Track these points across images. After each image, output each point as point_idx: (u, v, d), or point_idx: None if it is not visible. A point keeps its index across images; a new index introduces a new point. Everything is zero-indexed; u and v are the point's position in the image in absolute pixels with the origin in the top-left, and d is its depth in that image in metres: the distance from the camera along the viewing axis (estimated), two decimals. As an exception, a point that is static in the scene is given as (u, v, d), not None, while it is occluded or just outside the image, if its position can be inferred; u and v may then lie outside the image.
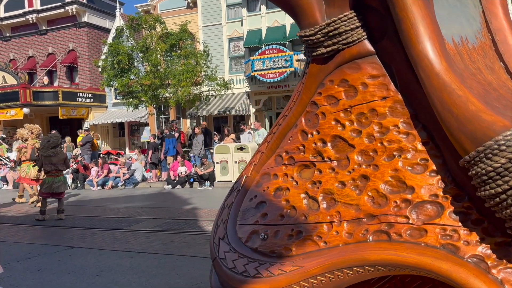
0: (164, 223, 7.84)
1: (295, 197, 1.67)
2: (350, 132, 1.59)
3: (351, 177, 1.56)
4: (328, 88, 1.64)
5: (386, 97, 1.53)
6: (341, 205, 1.56)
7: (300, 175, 1.70)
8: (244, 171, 1.94)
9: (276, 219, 1.69)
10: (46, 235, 7.21)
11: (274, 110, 19.71)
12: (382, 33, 1.51)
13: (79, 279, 4.75)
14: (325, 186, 1.61)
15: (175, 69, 16.05)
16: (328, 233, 1.55)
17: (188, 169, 13.65)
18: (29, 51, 26.27)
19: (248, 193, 1.84)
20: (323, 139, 1.64)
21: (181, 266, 5.07)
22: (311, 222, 1.60)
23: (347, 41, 1.55)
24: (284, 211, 1.68)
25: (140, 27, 16.89)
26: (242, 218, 1.80)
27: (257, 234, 1.70)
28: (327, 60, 1.63)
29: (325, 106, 1.65)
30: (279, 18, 18.08)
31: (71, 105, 22.30)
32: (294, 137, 1.73)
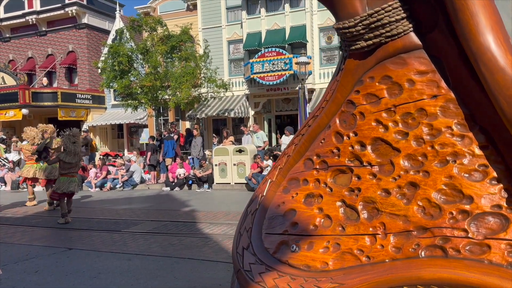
0: (162, 225, 7.84)
1: (329, 205, 1.54)
2: (394, 134, 1.45)
3: (397, 185, 1.42)
4: (367, 86, 1.50)
5: (436, 95, 1.39)
6: (385, 216, 1.42)
7: (334, 181, 1.56)
8: (268, 175, 1.80)
9: (308, 229, 1.55)
10: (44, 237, 7.21)
11: (273, 112, 19.73)
12: (431, 25, 1.37)
13: (76, 281, 4.75)
14: (365, 194, 1.47)
15: (175, 71, 16.07)
16: (372, 246, 1.41)
17: (186, 171, 13.65)
18: (29, 52, 26.27)
19: (274, 200, 1.71)
20: (362, 142, 1.51)
21: (179, 268, 5.07)
22: (350, 234, 1.46)
23: (391, 33, 1.41)
24: (317, 220, 1.54)
25: (141, 28, 16.91)
26: (268, 226, 1.66)
27: (287, 245, 1.57)
28: (367, 55, 1.49)
29: (364, 105, 1.51)
30: (279, 21, 18.12)
31: (70, 106, 22.29)
32: (327, 140, 1.60)
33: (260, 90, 18.32)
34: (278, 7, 18.29)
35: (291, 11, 17.92)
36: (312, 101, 16.89)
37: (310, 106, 16.16)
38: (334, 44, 17.81)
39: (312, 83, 17.51)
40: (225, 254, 5.62)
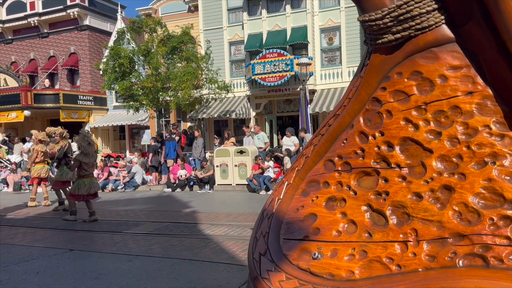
0: (164, 226, 7.84)
1: (354, 209, 1.44)
2: (425, 133, 1.35)
3: (429, 188, 1.32)
4: (395, 82, 1.40)
5: (472, 91, 1.29)
6: (417, 222, 1.32)
7: (358, 183, 1.47)
8: (285, 178, 1.71)
9: (331, 235, 1.45)
10: (45, 238, 7.22)
11: (274, 113, 19.74)
12: (466, 16, 1.27)
13: (77, 282, 4.76)
14: (394, 197, 1.37)
15: (176, 72, 16.10)
16: (402, 254, 1.31)
17: (188, 172, 13.67)
18: (31, 53, 26.36)
19: (293, 203, 1.61)
20: (389, 142, 1.41)
21: (180, 269, 5.08)
22: (378, 241, 1.36)
23: (421, 26, 1.31)
24: (341, 225, 1.44)
25: (142, 30, 16.96)
26: (286, 231, 1.56)
27: (308, 252, 1.47)
28: (395, 49, 1.39)
29: (391, 103, 1.41)
30: (280, 22, 18.14)
31: (72, 107, 22.36)
32: (350, 140, 1.50)
33: (261, 91, 18.33)
34: (279, 8, 18.31)
35: (292, 12, 17.94)
36: (313, 102, 16.89)
37: (311, 107, 16.16)
38: (335, 45, 17.82)
39: (313, 84, 17.51)
40: (226, 255, 5.63)
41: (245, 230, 7.15)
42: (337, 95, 17.12)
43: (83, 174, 8.43)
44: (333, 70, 17.85)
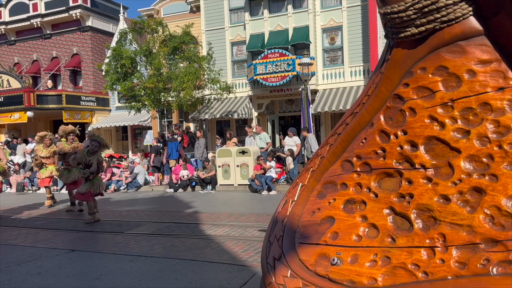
0: (165, 226, 7.85)
1: (375, 213, 1.36)
2: (452, 132, 1.28)
3: (458, 190, 1.25)
4: (418, 78, 1.33)
5: (503, 87, 1.22)
6: (445, 226, 1.24)
7: (379, 185, 1.40)
8: (300, 179, 1.64)
9: (351, 239, 1.37)
10: (47, 238, 7.24)
11: (276, 113, 19.74)
12: (496, 7, 1.20)
13: (79, 283, 4.77)
14: (419, 200, 1.29)
15: (177, 72, 16.11)
16: (429, 261, 1.23)
17: (190, 172, 13.69)
18: (34, 55, 26.45)
19: (308, 206, 1.54)
20: (413, 142, 1.33)
21: (181, 269, 5.08)
22: (403, 246, 1.28)
23: (447, 18, 1.24)
24: (361, 230, 1.37)
25: (143, 31, 16.99)
26: (302, 235, 1.49)
27: (326, 257, 1.40)
28: (418, 43, 1.32)
29: (414, 100, 1.34)
30: (282, 22, 18.13)
31: (75, 108, 22.43)
32: (370, 139, 1.43)
33: (263, 91, 18.32)
34: (281, 8, 18.30)
35: (294, 12, 17.93)
36: (315, 102, 16.88)
37: (313, 107, 16.14)
38: (337, 45, 17.80)
39: (315, 84, 17.50)
40: (227, 255, 5.63)
41: (246, 230, 7.15)
42: (339, 95, 17.09)
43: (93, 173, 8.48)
44: (335, 70, 17.83)
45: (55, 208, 10.70)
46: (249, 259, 5.37)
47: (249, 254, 5.60)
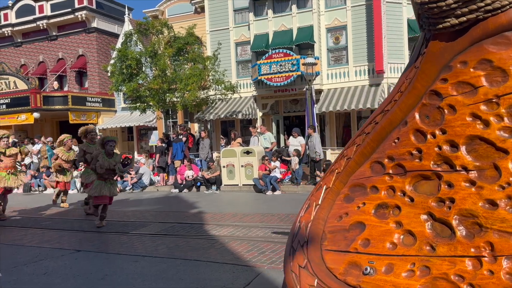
0: (170, 226, 7.89)
1: (411, 218, 1.26)
2: (498, 131, 1.18)
3: (506, 195, 1.14)
4: (458, 72, 1.23)
5: None
6: (493, 234, 1.14)
7: (415, 189, 1.29)
8: (323, 181, 1.56)
9: (384, 247, 1.27)
10: (53, 239, 7.30)
11: (281, 113, 19.73)
12: None
13: (84, 282, 4.81)
14: (461, 205, 1.19)
15: (182, 73, 16.16)
16: (476, 272, 1.13)
17: (195, 173, 13.73)
18: (40, 56, 26.65)
19: (334, 210, 1.45)
20: (453, 141, 1.24)
21: (185, 270, 5.11)
22: (444, 256, 1.18)
23: (492, 7, 1.14)
24: (396, 237, 1.27)
25: (148, 32, 17.06)
26: (329, 242, 1.40)
27: (357, 266, 1.30)
28: (458, 35, 1.23)
29: (454, 96, 1.24)
30: (286, 22, 18.12)
31: (81, 109, 22.57)
32: (403, 139, 1.33)
33: (267, 91, 18.32)
34: (285, 8, 18.29)
35: (298, 12, 17.91)
36: (320, 102, 16.86)
37: (317, 106, 16.13)
38: (342, 44, 17.76)
39: (320, 84, 17.47)
40: (231, 255, 5.65)
41: (250, 230, 7.17)
42: (344, 94, 17.06)
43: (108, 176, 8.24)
44: (340, 70, 17.79)
45: (61, 209, 10.79)
46: (253, 259, 5.39)
47: (253, 254, 5.62)
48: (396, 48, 16.90)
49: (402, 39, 16.98)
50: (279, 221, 7.96)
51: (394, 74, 17.01)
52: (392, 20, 16.72)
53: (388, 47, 16.49)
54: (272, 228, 7.27)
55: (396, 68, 17.05)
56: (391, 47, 16.69)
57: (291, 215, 8.46)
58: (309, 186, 12.24)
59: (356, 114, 17.57)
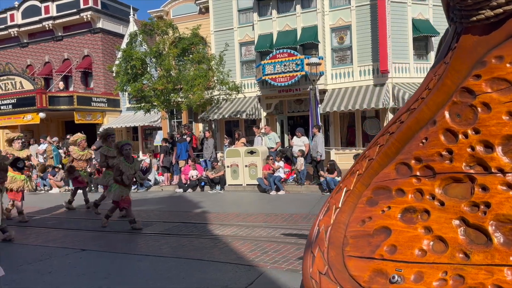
0: (174, 226, 7.93)
1: (441, 224, 1.19)
2: None
3: None
4: (493, 68, 1.16)
5: None
6: None
7: (445, 192, 1.22)
8: (343, 183, 1.48)
9: (413, 254, 1.20)
10: (58, 238, 7.37)
11: (285, 113, 19.74)
12: None
13: (88, 282, 4.86)
14: (498, 210, 1.11)
15: (186, 74, 16.21)
16: None
17: (199, 173, 13.77)
18: (46, 57, 26.82)
19: (356, 214, 1.38)
20: (487, 142, 1.17)
21: (188, 269, 5.14)
22: (480, 264, 1.11)
23: None
24: (425, 243, 1.19)
25: (153, 32, 17.13)
26: (352, 247, 1.33)
27: (383, 273, 1.23)
28: (493, 28, 1.16)
29: (488, 93, 1.17)
30: (290, 22, 18.13)
31: (86, 109, 22.70)
32: (432, 139, 1.25)
33: (272, 91, 18.33)
34: (290, 8, 18.29)
35: (303, 12, 17.91)
36: (324, 102, 16.85)
37: (321, 106, 16.12)
38: (346, 44, 17.74)
39: (324, 84, 17.46)
40: (234, 255, 5.68)
41: (254, 230, 7.19)
42: (348, 94, 17.04)
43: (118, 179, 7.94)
44: (344, 70, 17.77)
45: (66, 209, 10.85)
46: (255, 259, 5.41)
47: (256, 254, 5.64)
48: (401, 48, 16.85)
49: (407, 39, 16.93)
50: (283, 221, 7.97)
51: (398, 74, 16.96)
52: (396, 20, 16.67)
53: (392, 47, 16.45)
54: (275, 228, 7.29)
55: (400, 68, 17.01)
56: (395, 47, 16.65)
57: (295, 215, 8.47)
58: (312, 186, 12.25)
59: (361, 114, 17.53)
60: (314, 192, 11.88)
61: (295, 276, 4.69)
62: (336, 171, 11.78)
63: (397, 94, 16.24)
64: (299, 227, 7.31)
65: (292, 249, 5.77)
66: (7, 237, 7.02)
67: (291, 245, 6.00)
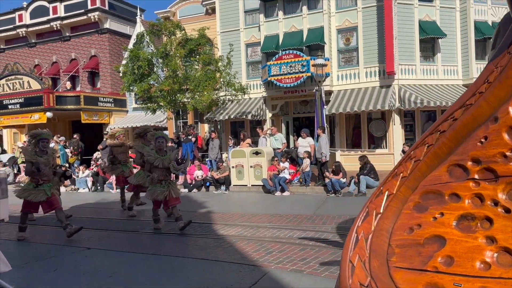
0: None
1: (508, 233, 1.07)
2: None
3: None
4: None
5: None
6: None
7: (510, 198, 1.10)
8: (384, 187, 1.35)
9: (474, 267, 1.08)
10: (64, 236, 7.41)
11: (290, 115, 19.72)
12: None
13: (92, 280, 4.89)
14: None
15: (193, 74, 16.25)
16: None
17: (204, 173, 13.80)
18: (53, 57, 27.01)
19: (401, 220, 1.26)
20: None
21: (192, 268, 5.16)
22: None
23: None
24: (489, 254, 1.07)
25: (160, 33, 17.20)
26: (399, 257, 1.21)
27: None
28: None
29: None
30: (296, 23, 18.12)
31: (93, 109, 22.83)
32: (494, 138, 1.14)
33: (277, 92, 18.33)
34: (296, 9, 18.29)
35: (309, 13, 17.90)
36: (330, 103, 16.81)
37: (327, 108, 16.09)
38: (353, 46, 17.70)
39: (330, 85, 17.43)
40: (238, 255, 5.69)
41: (258, 230, 7.19)
42: (354, 95, 16.99)
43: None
44: (350, 71, 17.72)
45: (71, 207, 10.92)
46: (260, 259, 5.41)
47: (260, 254, 5.65)
48: (407, 50, 16.79)
49: (413, 40, 16.85)
50: (287, 221, 7.97)
51: (405, 75, 16.89)
52: (403, 21, 16.61)
53: (399, 48, 16.39)
54: (280, 228, 7.29)
55: (407, 70, 16.94)
56: (402, 49, 16.59)
57: (299, 216, 8.47)
58: (317, 187, 12.23)
59: (366, 115, 17.47)
60: (319, 193, 11.86)
61: (299, 276, 4.70)
62: (342, 173, 11.75)
63: (403, 96, 16.17)
64: (304, 227, 7.30)
65: (297, 250, 5.77)
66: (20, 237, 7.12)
67: (296, 246, 6.00)
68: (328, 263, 5.12)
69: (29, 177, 7.37)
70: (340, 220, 7.84)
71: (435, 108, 16.68)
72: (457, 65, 17.55)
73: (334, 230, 6.99)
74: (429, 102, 15.29)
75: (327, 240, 6.30)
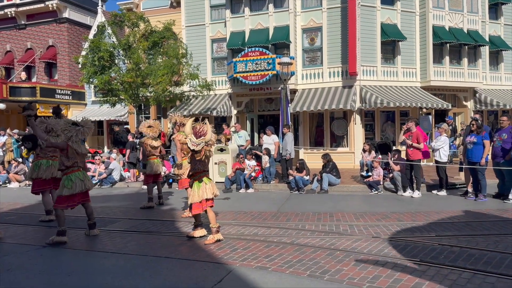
0: (140, 223, 7.77)
1: None
2: None
3: None
4: None
5: None
6: None
7: None
8: None
9: None
10: (18, 234, 7.05)
11: (255, 112, 19.75)
12: None
13: (48, 280, 4.67)
14: None
15: (155, 66, 15.84)
16: None
17: (167, 169, 13.55)
18: (7, 45, 25.66)
19: None
20: None
21: (155, 267, 5.04)
22: None
23: None
24: None
25: (123, 24, 16.67)
26: None
27: None
28: None
29: None
30: (263, 21, 18.14)
31: (49, 101, 21.86)
32: None
33: (243, 89, 18.30)
34: (262, 7, 18.30)
35: (275, 11, 17.96)
36: (294, 101, 16.97)
37: (292, 106, 16.23)
38: (317, 46, 17.92)
39: (295, 84, 17.58)
40: (203, 253, 5.62)
41: (223, 227, 7.12)
42: (318, 95, 17.24)
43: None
44: (314, 71, 17.96)
45: (26, 203, 10.42)
46: (224, 256, 5.37)
47: (225, 251, 5.60)
48: (369, 51, 17.21)
49: (375, 42, 17.30)
50: (252, 219, 7.96)
51: (366, 76, 17.31)
52: (366, 23, 17.01)
53: (361, 50, 16.77)
54: (244, 225, 7.27)
55: (368, 71, 17.36)
56: (364, 50, 16.98)
57: (264, 213, 8.48)
58: (281, 185, 12.32)
59: (329, 114, 17.78)
60: (282, 190, 11.94)
61: (264, 273, 4.70)
62: (305, 170, 11.89)
63: (364, 96, 16.58)
64: (269, 224, 7.32)
65: (262, 247, 5.77)
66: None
67: (261, 243, 6.00)
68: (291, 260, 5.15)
69: None
70: (303, 217, 7.92)
71: (394, 109, 17.23)
72: (416, 67, 18.18)
73: (298, 227, 7.05)
74: (388, 103, 15.75)
75: (292, 237, 6.34)
